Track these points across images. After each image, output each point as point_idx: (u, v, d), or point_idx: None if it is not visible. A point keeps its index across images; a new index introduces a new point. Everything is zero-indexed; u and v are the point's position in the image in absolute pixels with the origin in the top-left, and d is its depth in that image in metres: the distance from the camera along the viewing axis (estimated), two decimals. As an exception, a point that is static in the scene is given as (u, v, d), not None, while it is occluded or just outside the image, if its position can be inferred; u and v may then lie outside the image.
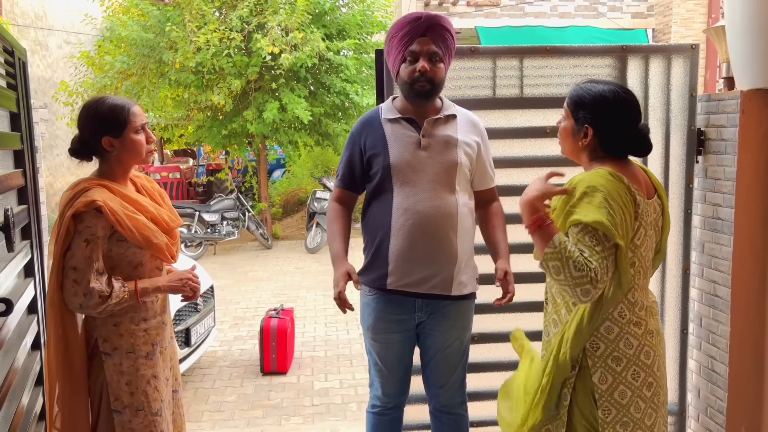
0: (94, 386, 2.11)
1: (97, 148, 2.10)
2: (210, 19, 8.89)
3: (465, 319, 2.40)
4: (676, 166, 2.78)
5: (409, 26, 2.22)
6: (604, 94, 1.86)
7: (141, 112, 2.14)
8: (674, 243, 2.82)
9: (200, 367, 4.79)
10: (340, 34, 9.83)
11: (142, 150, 2.12)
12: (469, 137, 2.32)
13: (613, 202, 1.75)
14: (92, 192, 2.00)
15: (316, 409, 4.02)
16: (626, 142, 1.88)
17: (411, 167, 2.25)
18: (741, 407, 2.56)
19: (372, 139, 2.32)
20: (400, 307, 2.33)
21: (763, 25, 2.33)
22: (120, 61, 9.15)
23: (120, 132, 2.08)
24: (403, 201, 2.25)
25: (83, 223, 1.98)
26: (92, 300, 1.96)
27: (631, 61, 2.74)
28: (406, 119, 2.30)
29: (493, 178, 2.43)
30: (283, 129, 9.57)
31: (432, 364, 2.41)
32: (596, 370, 1.84)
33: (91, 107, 2.10)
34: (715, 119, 2.63)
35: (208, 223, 9.50)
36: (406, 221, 2.24)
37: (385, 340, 2.38)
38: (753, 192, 2.47)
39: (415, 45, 2.21)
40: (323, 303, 6.67)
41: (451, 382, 2.43)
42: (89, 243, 1.98)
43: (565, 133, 1.95)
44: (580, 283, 1.73)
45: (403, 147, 2.27)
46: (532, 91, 2.73)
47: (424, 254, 2.24)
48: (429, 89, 2.24)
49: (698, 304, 2.78)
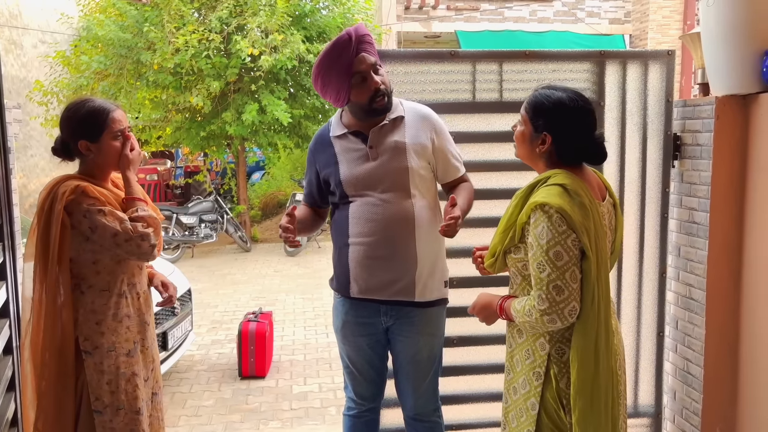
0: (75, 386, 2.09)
1: (75, 150, 2.11)
2: (189, 20, 8.83)
3: (432, 326, 2.35)
4: (653, 170, 2.81)
5: (343, 50, 2.16)
6: (564, 102, 1.86)
7: (122, 117, 2.14)
8: (651, 247, 2.85)
9: (177, 371, 4.74)
10: (321, 37, 9.81)
11: (115, 156, 2.13)
12: (419, 137, 2.27)
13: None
14: (69, 181, 2.02)
15: (295, 413, 4.00)
16: (583, 151, 1.89)
17: (361, 181, 2.25)
18: (716, 408, 2.60)
19: (324, 159, 2.34)
20: (365, 310, 2.32)
21: (737, 32, 2.37)
22: (96, 61, 9.04)
23: (96, 137, 2.08)
24: (358, 210, 2.25)
25: (81, 205, 2.00)
26: (149, 238, 2.05)
27: (609, 66, 2.77)
28: (352, 133, 2.29)
29: (458, 168, 2.37)
30: (263, 131, 9.52)
31: (402, 372, 2.39)
32: (562, 376, 1.84)
33: (71, 109, 2.10)
34: (691, 124, 2.66)
35: (185, 226, 9.41)
36: (362, 230, 2.24)
37: (354, 343, 2.38)
38: (727, 196, 2.51)
39: (357, 66, 2.17)
40: (302, 306, 6.64)
41: (423, 390, 2.39)
42: (102, 211, 2.02)
43: (522, 138, 1.94)
44: (542, 320, 1.78)
45: (351, 163, 2.26)
46: (511, 95, 2.75)
47: (383, 261, 2.23)
48: (388, 102, 2.24)
49: (674, 307, 2.81)
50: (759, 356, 2.43)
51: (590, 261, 1.78)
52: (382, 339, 2.37)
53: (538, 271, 1.78)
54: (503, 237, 1.92)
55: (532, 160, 1.96)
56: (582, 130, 1.87)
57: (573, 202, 1.77)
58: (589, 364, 1.80)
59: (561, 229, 1.75)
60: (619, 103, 2.78)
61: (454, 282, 2.69)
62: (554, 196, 1.77)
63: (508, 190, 2.77)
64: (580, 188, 1.81)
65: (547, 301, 1.76)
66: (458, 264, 2.71)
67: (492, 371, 2.83)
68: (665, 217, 2.82)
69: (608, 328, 1.84)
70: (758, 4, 2.33)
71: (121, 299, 2.13)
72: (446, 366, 2.66)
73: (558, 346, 1.86)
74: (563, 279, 1.75)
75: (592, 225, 1.80)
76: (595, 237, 1.80)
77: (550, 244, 1.75)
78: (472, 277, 2.75)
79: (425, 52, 2.71)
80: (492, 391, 2.84)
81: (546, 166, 1.92)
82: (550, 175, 1.86)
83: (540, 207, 1.78)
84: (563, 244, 1.75)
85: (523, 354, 1.93)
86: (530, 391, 1.89)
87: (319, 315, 6.27)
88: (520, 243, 1.88)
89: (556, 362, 1.85)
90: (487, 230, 2.75)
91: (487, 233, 2.75)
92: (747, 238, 2.49)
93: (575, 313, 1.78)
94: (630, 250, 2.85)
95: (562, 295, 1.75)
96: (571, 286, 1.76)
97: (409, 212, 2.22)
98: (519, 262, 1.90)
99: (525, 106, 1.94)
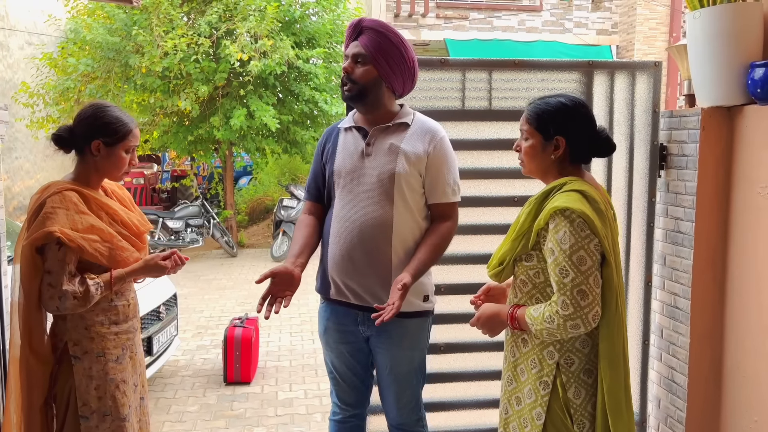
0: (61, 392, 2.09)
1: (82, 146, 2.11)
2: (178, 23, 8.79)
3: (411, 339, 2.29)
4: (640, 180, 2.83)
5: (348, 32, 2.26)
6: (566, 103, 1.89)
7: (138, 136, 2.19)
8: (637, 255, 2.87)
9: (162, 376, 4.70)
10: (310, 43, 9.82)
11: (122, 168, 2.16)
12: (416, 146, 2.23)
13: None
14: (53, 217, 1.98)
15: (280, 420, 3.98)
16: (593, 145, 1.91)
17: (350, 175, 2.25)
18: (700, 417, 2.62)
19: (328, 149, 2.36)
20: (344, 317, 2.31)
21: (723, 44, 2.40)
22: (84, 64, 8.98)
23: (113, 143, 2.11)
24: (340, 208, 2.25)
25: (49, 251, 1.98)
26: (67, 302, 1.97)
27: (597, 76, 2.79)
28: (357, 128, 2.30)
29: (446, 193, 2.25)
30: (251, 136, 9.50)
31: (384, 383, 2.37)
32: (570, 386, 1.84)
33: (100, 109, 2.13)
34: (677, 135, 2.69)
35: (171, 230, 9.35)
36: (340, 228, 2.23)
37: (336, 349, 2.37)
38: (712, 206, 2.54)
39: (349, 50, 2.24)
40: (288, 312, 6.60)
41: (405, 401, 2.36)
42: (62, 246, 1.98)
43: (533, 152, 1.92)
44: (564, 327, 1.76)
45: (347, 155, 2.27)
46: (500, 103, 2.76)
47: (357, 264, 2.21)
48: (354, 92, 2.21)
49: (659, 316, 2.83)
50: (743, 365, 2.46)
51: (610, 266, 1.79)
52: (364, 348, 2.35)
53: (561, 276, 1.76)
54: (515, 244, 1.91)
55: (544, 171, 1.94)
56: (588, 124, 1.90)
57: (592, 208, 1.78)
58: (620, 370, 1.81)
59: (584, 233, 1.75)
60: (606, 112, 2.81)
61: (442, 289, 2.70)
62: (575, 202, 1.77)
63: (497, 197, 2.79)
64: (596, 195, 1.82)
65: (571, 306, 1.74)
66: (446, 271, 2.72)
67: (479, 378, 2.84)
68: (651, 226, 2.85)
69: (627, 337, 1.86)
70: (744, 18, 2.37)
71: (109, 306, 2.13)
72: (433, 373, 2.67)
73: (567, 356, 1.85)
74: (587, 284, 1.75)
75: (609, 232, 1.81)
76: (612, 243, 1.82)
77: (573, 248, 1.75)
78: (459, 284, 2.77)
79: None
80: (479, 398, 2.85)
81: (557, 174, 1.92)
82: (565, 181, 1.86)
83: (561, 212, 1.77)
84: (586, 248, 1.75)
85: (529, 363, 1.91)
86: (536, 400, 1.87)
87: (306, 321, 6.24)
88: (532, 250, 1.88)
89: (564, 372, 1.85)
90: (476, 237, 2.77)
91: (476, 240, 2.77)
92: (731, 247, 2.51)
93: (597, 318, 1.77)
94: (616, 259, 2.87)
95: (586, 299, 1.74)
96: (594, 291, 1.76)
97: (388, 217, 2.19)
98: (531, 269, 1.89)
99: (527, 119, 1.93)
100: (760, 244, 2.35)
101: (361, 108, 2.29)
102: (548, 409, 1.85)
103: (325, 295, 2.34)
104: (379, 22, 2.22)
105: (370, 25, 2.21)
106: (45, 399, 2.07)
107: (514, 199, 2.77)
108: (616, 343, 1.81)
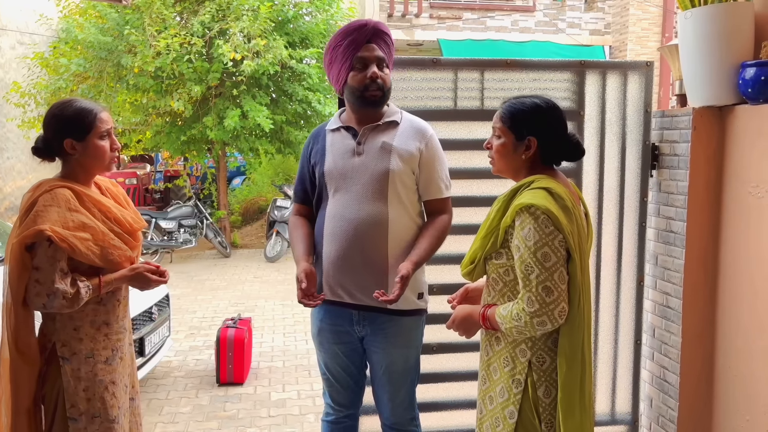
0: (50, 393, 2.07)
1: (59, 150, 2.08)
2: (171, 23, 8.76)
3: (406, 337, 2.32)
4: (632, 179, 2.84)
5: (356, 33, 2.21)
6: (540, 105, 1.90)
7: (108, 118, 2.13)
8: (629, 255, 2.88)
9: (154, 377, 4.67)
10: (303, 43, 9.80)
11: (104, 156, 2.10)
12: (408, 144, 2.25)
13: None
14: (45, 215, 1.96)
15: (273, 420, 3.97)
16: (564, 149, 1.92)
17: (342, 174, 2.24)
18: (691, 416, 2.62)
19: (315, 150, 2.35)
20: (339, 318, 2.31)
21: (714, 45, 2.41)
22: (76, 64, 8.94)
23: (83, 136, 2.06)
24: (334, 208, 2.25)
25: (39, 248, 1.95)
26: (56, 301, 1.94)
27: (589, 76, 2.80)
28: (345, 128, 2.30)
29: (440, 188, 2.31)
30: (244, 136, 9.47)
31: (379, 382, 2.37)
32: (541, 384, 1.84)
33: (58, 107, 2.09)
34: (669, 135, 2.70)
35: (164, 231, 9.31)
36: (335, 228, 2.23)
37: (329, 350, 2.37)
38: (704, 206, 2.55)
39: (362, 51, 2.21)
40: (282, 313, 6.60)
41: (399, 400, 2.38)
42: (52, 244, 1.95)
43: (505, 150, 1.93)
44: (531, 324, 1.76)
45: (337, 155, 2.27)
46: (492, 103, 2.76)
47: (353, 263, 2.21)
48: (380, 96, 2.23)
49: (651, 315, 2.84)
50: (734, 364, 2.46)
51: (575, 263, 1.79)
52: (358, 348, 2.36)
53: (526, 273, 1.77)
54: (484, 242, 1.92)
55: (514, 170, 1.96)
56: (560, 127, 1.91)
57: (558, 205, 1.79)
58: (577, 368, 1.81)
59: (548, 230, 1.76)
60: (598, 112, 2.81)
61: (434, 289, 2.69)
62: (540, 198, 1.78)
63: (489, 197, 2.78)
64: (563, 192, 1.83)
65: (537, 302, 1.75)
66: (438, 271, 2.71)
67: (472, 378, 2.83)
68: (643, 225, 2.85)
69: (590, 333, 1.86)
70: (735, 18, 2.38)
71: (99, 306, 2.10)
72: (426, 373, 2.66)
73: (539, 354, 1.85)
74: (552, 280, 1.75)
75: (575, 228, 1.81)
76: (578, 240, 1.82)
77: (537, 245, 1.75)
78: (451, 284, 2.76)
79: (407, 59, 2.72)
80: (472, 398, 2.84)
81: (528, 174, 1.93)
82: (533, 179, 1.87)
83: (526, 209, 1.78)
84: (551, 245, 1.76)
85: (502, 362, 1.92)
86: (509, 399, 1.88)
87: (299, 321, 6.23)
88: (501, 248, 1.88)
89: (536, 370, 1.85)
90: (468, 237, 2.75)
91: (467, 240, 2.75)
92: (723, 247, 2.52)
93: (564, 315, 1.77)
94: (608, 259, 2.88)
95: (551, 296, 1.75)
96: (560, 287, 1.76)
97: (383, 215, 2.20)
98: (501, 267, 1.90)
99: (500, 118, 1.94)
100: (751, 244, 2.36)
101: (373, 111, 2.28)
102: (520, 407, 1.85)
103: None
104: (387, 27, 2.28)
105: (384, 30, 2.25)
106: (33, 400, 2.05)
107: (506, 198, 2.77)
108: (575, 340, 1.81)
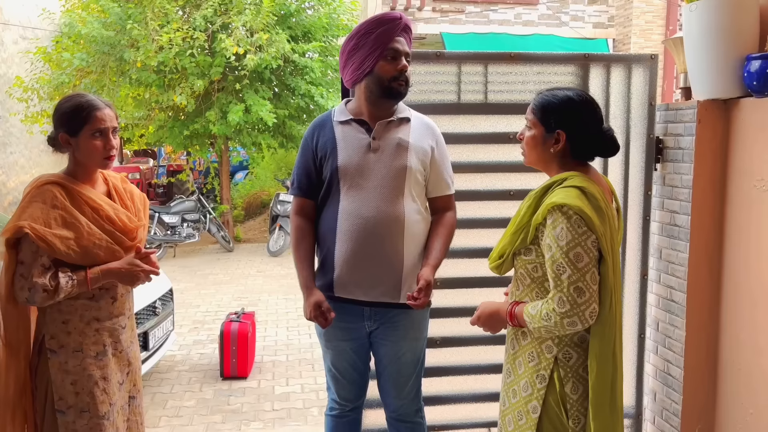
0: (40, 385, 2.08)
1: (57, 143, 2.11)
2: (173, 18, 8.74)
3: (417, 329, 2.34)
4: (636, 173, 2.83)
5: (390, 23, 2.20)
6: (572, 98, 1.86)
7: (109, 116, 2.10)
8: (633, 249, 2.87)
9: (158, 371, 4.69)
10: (306, 37, 9.78)
11: (94, 154, 2.08)
12: (422, 141, 2.28)
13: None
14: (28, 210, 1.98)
15: (277, 414, 3.98)
16: (596, 144, 1.89)
17: (359, 170, 2.22)
18: (695, 409, 2.62)
19: (323, 141, 2.28)
20: (348, 315, 2.29)
21: (719, 37, 2.39)
22: (78, 59, 8.93)
23: (76, 131, 2.06)
24: (349, 205, 2.22)
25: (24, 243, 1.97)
26: (36, 295, 1.96)
27: (593, 69, 2.78)
28: (357, 121, 2.27)
29: (449, 185, 2.36)
30: (247, 131, 9.46)
31: (386, 374, 2.38)
32: (568, 380, 1.83)
33: (62, 100, 2.12)
34: (673, 128, 2.69)
35: (167, 225, 9.33)
36: (351, 226, 2.20)
37: (336, 347, 2.36)
38: (708, 199, 2.54)
39: (395, 43, 2.20)
40: (285, 307, 6.61)
41: (406, 392, 2.39)
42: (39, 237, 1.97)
43: (534, 142, 1.91)
44: (561, 324, 1.75)
45: (352, 149, 2.23)
46: (496, 97, 2.75)
47: (369, 260, 2.20)
48: (404, 90, 2.24)
49: (655, 309, 2.84)
50: (738, 358, 2.46)
51: (607, 265, 1.78)
52: (366, 342, 2.36)
53: (558, 273, 1.75)
54: (514, 238, 1.90)
55: (545, 163, 1.93)
56: (593, 122, 1.87)
57: (591, 205, 1.77)
58: (608, 369, 1.80)
59: (581, 230, 1.74)
60: (602, 106, 2.80)
61: (438, 283, 2.69)
62: (573, 198, 1.76)
63: (493, 191, 2.79)
64: (596, 191, 1.81)
65: (568, 303, 1.73)
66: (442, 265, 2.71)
67: (475, 372, 2.84)
68: (647, 219, 2.85)
69: (621, 333, 1.85)
70: (740, 10, 2.36)
71: (91, 302, 2.10)
72: (429, 367, 2.67)
73: (566, 350, 1.84)
74: (584, 281, 1.73)
75: (608, 229, 1.79)
76: (610, 241, 1.80)
77: (570, 245, 1.74)
78: (455, 278, 2.77)
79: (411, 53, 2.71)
80: (475, 392, 2.85)
81: (559, 167, 1.90)
82: (566, 177, 1.85)
83: (558, 208, 1.76)
84: (583, 245, 1.74)
85: (527, 356, 1.91)
86: (532, 393, 1.87)
87: (302, 316, 6.22)
88: (531, 245, 1.87)
89: (562, 366, 1.84)
90: (472, 231, 2.76)
91: (471, 234, 2.76)
92: (727, 241, 2.51)
93: (595, 315, 1.76)
94: (612, 252, 2.87)
95: (583, 296, 1.73)
96: (591, 288, 1.74)
97: (401, 212, 2.20)
98: (529, 263, 1.89)
99: (532, 109, 1.92)
100: (756, 237, 2.35)
101: (391, 104, 2.28)
102: (544, 402, 1.84)
103: (328, 293, 2.29)
104: (411, 25, 2.30)
105: (411, 26, 2.28)
106: (24, 391, 2.06)
107: (510, 192, 2.77)
108: (607, 341, 1.80)
